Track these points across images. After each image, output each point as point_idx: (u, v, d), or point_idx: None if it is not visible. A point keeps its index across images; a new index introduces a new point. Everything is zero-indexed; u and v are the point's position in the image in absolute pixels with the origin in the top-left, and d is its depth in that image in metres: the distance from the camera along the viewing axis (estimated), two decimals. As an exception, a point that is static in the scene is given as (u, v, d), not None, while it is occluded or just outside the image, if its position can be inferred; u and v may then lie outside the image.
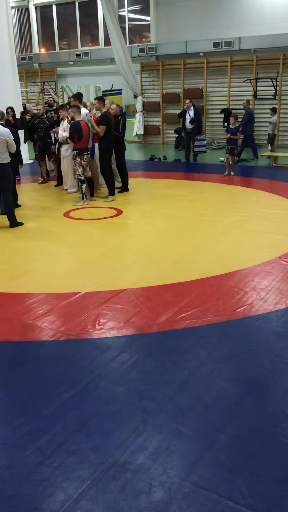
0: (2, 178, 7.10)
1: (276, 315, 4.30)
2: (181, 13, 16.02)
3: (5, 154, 7.06)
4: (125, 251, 6.33)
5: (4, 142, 6.99)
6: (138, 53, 16.98)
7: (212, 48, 15.50)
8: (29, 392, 3.31)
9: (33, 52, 20.10)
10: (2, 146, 6.98)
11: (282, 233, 6.66)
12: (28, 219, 7.82)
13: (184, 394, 3.23)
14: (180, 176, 11.24)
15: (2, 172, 7.06)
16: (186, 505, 2.37)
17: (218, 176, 10.97)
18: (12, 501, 2.42)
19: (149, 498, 2.41)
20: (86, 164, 8.40)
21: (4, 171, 7.09)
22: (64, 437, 2.84)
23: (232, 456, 2.67)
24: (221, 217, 7.53)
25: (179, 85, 16.56)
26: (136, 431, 2.87)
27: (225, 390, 3.27)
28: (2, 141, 6.95)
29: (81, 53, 18.32)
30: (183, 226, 7.14)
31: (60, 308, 4.53)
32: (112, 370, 3.55)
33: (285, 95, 14.97)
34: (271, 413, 3.02)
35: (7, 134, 7.02)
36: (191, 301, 4.59)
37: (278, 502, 2.37)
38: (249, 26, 14.87)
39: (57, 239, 6.78)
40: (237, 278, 5.11)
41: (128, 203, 8.65)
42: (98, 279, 5.20)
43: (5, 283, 5.20)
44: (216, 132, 16.44)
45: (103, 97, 9.32)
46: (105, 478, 2.54)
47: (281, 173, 9.94)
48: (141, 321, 4.25)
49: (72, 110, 8.43)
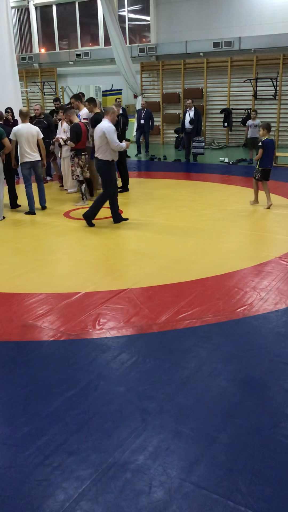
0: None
1: (276, 315, 4.30)
2: (181, 13, 16.02)
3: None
4: (125, 251, 6.33)
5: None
6: (138, 53, 16.98)
7: (212, 48, 15.51)
8: (29, 392, 3.30)
9: (33, 52, 20.10)
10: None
11: (282, 233, 6.66)
12: (27, 219, 7.82)
13: (184, 394, 3.23)
14: (180, 176, 11.24)
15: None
16: (186, 505, 2.37)
17: (218, 176, 10.98)
18: (12, 501, 2.42)
19: (149, 498, 2.41)
20: (84, 164, 8.41)
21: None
22: (64, 437, 2.84)
23: (232, 456, 2.66)
24: (221, 217, 7.53)
25: (179, 85, 16.56)
26: (136, 431, 2.87)
27: (225, 390, 3.27)
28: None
29: (81, 53, 18.32)
30: (183, 226, 7.14)
31: (60, 308, 4.53)
32: (112, 370, 3.55)
33: (285, 95, 14.97)
34: (271, 413, 3.02)
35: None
36: (191, 301, 4.59)
37: (278, 502, 2.37)
38: (249, 26, 14.88)
39: (57, 239, 6.78)
40: (237, 278, 5.11)
41: (128, 203, 8.65)
42: (98, 279, 5.20)
43: (5, 283, 5.20)
44: (216, 132, 16.46)
45: (94, 99, 9.34)
46: (105, 478, 2.54)
47: (281, 173, 9.93)
48: (141, 321, 4.25)
49: (67, 114, 8.43)
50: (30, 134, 7.77)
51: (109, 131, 6.81)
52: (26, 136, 7.73)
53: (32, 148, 7.83)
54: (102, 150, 6.95)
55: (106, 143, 6.87)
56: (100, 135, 6.86)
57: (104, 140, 6.86)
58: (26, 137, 7.73)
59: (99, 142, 6.93)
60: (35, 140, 7.87)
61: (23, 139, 7.72)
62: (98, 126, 7.01)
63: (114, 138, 6.85)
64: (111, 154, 6.97)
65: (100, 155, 7.00)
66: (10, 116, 10.61)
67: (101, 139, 6.88)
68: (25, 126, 7.81)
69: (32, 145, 7.83)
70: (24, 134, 7.72)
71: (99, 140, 6.91)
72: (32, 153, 7.84)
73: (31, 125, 8.00)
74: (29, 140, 7.77)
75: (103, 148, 6.93)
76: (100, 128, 6.90)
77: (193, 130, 12.62)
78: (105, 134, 6.79)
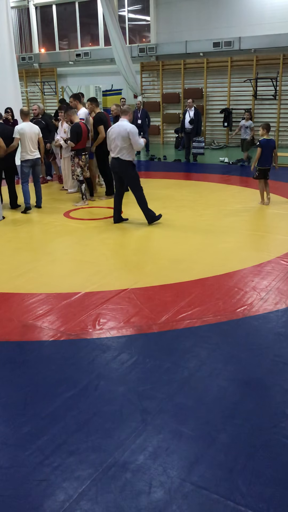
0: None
1: (276, 315, 4.30)
2: (181, 13, 16.02)
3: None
4: (125, 251, 6.33)
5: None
6: (138, 53, 16.98)
7: (212, 48, 15.50)
8: (29, 392, 3.30)
9: (33, 52, 20.09)
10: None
11: (282, 233, 6.66)
12: (28, 219, 7.82)
13: (184, 394, 3.23)
14: (180, 176, 11.24)
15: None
16: (186, 505, 2.37)
17: (218, 176, 10.98)
18: (12, 501, 2.42)
19: (149, 498, 2.41)
20: (84, 164, 8.41)
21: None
22: (64, 437, 2.84)
23: (232, 456, 2.66)
24: (221, 217, 7.53)
25: (179, 85, 16.56)
26: (136, 431, 2.87)
27: (225, 390, 3.27)
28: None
29: (81, 53, 18.32)
30: (183, 226, 7.13)
31: (60, 308, 4.53)
32: (112, 370, 3.55)
33: (285, 95, 14.97)
34: (271, 413, 3.02)
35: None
36: (191, 301, 4.59)
37: (278, 502, 2.37)
38: (249, 26, 14.87)
39: (57, 239, 6.78)
40: (237, 278, 5.11)
41: (128, 203, 8.63)
42: (98, 279, 5.20)
43: (5, 283, 5.20)
44: (216, 132, 16.46)
45: (96, 98, 9.34)
46: (105, 478, 2.54)
47: (281, 173, 9.93)
48: (141, 321, 4.25)
49: (68, 114, 8.45)
50: (33, 132, 7.99)
51: (134, 132, 6.74)
52: (30, 134, 7.92)
53: (34, 146, 8.03)
54: (126, 151, 6.83)
55: (129, 144, 6.77)
56: (124, 136, 6.72)
57: (128, 141, 6.75)
58: (29, 135, 7.92)
59: (121, 143, 6.78)
60: (36, 139, 8.07)
61: (27, 137, 7.89)
62: (119, 126, 6.81)
63: (138, 138, 6.80)
64: (132, 154, 6.93)
65: (122, 155, 6.86)
66: (10, 116, 10.62)
67: (124, 140, 6.75)
68: (28, 125, 8.02)
69: (34, 143, 8.02)
70: (27, 133, 7.90)
71: (122, 140, 6.76)
72: (34, 151, 8.04)
73: (32, 124, 8.23)
74: (32, 138, 7.97)
75: (126, 149, 6.81)
76: (124, 128, 6.74)
77: (193, 130, 12.62)
78: (129, 135, 6.71)
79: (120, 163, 6.95)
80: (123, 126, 6.80)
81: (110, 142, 6.98)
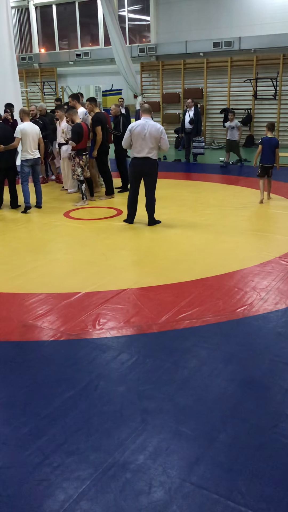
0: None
1: (276, 315, 4.30)
2: (181, 13, 16.03)
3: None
4: (125, 251, 6.33)
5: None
6: (138, 53, 16.98)
7: (212, 48, 15.51)
8: (29, 392, 3.30)
9: (33, 52, 20.10)
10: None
11: (282, 233, 6.66)
12: (28, 219, 7.82)
13: (184, 394, 3.23)
14: (180, 176, 11.24)
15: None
16: (186, 505, 2.37)
17: (218, 176, 10.97)
18: (12, 501, 2.42)
19: (149, 498, 2.41)
20: (84, 164, 8.42)
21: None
22: (64, 437, 2.84)
23: (232, 456, 2.66)
24: (221, 217, 7.53)
25: (179, 85, 16.57)
26: (136, 431, 2.87)
27: (225, 390, 3.27)
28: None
29: (81, 53, 18.32)
30: (183, 226, 7.14)
31: (60, 308, 4.53)
32: (112, 370, 3.55)
33: (285, 95, 14.98)
34: (271, 413, 3.02)
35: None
36: (191, 301, 4.59)
37: (278, 502, 2.37)
38: (249, 26, 14.88)
39: (57, 239, 6.78)
40: (237, 278, 5.11)
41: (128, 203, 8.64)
42: (98, 279, 5.20)
43: (5, 283, 5.20)
44: (216, 132, 16.46)
45: (95, 98, 9.34)
46: (105, 478, 2.54)
47: (281, 173, 9.92)
48: (141, 321, 4.25)
49: (69, 113, 8.45)
50: (34, 132, 8.05)
51: (164, 131, 6.77)
52: (31, 134, 7.97)
53: (35, 146, 8.07)
54: (156, 150, 6.81)
55: (158, 143, 6.76)
56: (156, 136, 6.65)
57: (158, 140, 6.71)
58: (31, 135, 7.96)
59: (153, 142, 6.69)
60: (37, 139, 8.11)
61: (29, 137, 7.94)
62: (150, 126, 6.67)
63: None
64: (157, 153, 6.93)
65: (153, 155, 6.80)
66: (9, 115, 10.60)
67: (156, 140, 6.70)
68: (29, 124, 8.07)
69: (35, 143, 8.07)
70: (29, 133, 7.94)
71: (154, 140, 6.67)
72: (34, 151, 8.08)
73: (33, 124, 8.27)
74: (34, 138, 8.02)
75: (156, 148, 6.79)
76: (157, 128, 6.66)
77: (193, 130, 12.62)
78: (162, 134, 6.69)
79: (150, 163, 6.88)
80: (155, 125, 6.72)
81: (135, 141, 6.76)
